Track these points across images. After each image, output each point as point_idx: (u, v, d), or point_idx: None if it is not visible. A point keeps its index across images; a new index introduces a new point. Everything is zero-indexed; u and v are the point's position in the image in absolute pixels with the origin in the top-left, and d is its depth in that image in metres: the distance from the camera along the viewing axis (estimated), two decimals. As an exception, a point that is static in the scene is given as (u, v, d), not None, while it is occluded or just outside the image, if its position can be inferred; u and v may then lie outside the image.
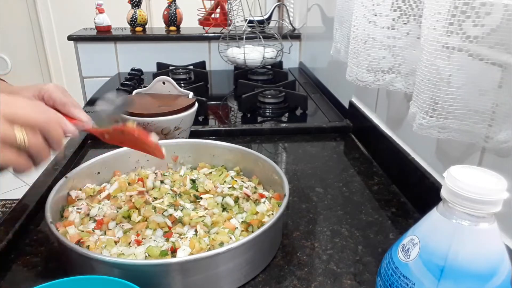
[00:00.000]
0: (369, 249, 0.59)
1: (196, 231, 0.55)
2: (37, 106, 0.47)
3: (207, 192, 0.64)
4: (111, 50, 1.65)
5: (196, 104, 0.87)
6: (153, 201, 0.62)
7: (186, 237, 0.54)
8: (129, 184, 0.67)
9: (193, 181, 0.67)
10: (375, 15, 0.64)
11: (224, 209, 0.62)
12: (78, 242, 0.53)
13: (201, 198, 0.63)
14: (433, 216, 0.34)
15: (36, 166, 0.47)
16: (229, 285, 0.51)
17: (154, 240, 0.54)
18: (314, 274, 0.54)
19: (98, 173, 0.68)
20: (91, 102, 1.25)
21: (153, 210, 0.59)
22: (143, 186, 0.66)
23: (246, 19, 1.46)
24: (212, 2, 1.71)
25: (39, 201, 0.66)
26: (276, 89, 1.20)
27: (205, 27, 1.71)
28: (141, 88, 0.94)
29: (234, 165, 0.73)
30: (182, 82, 1.45)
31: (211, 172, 0.71)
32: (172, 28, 1.73)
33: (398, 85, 0.66)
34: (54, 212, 0.56)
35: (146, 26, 1.74)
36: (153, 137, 0.54)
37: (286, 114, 1.15)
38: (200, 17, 1.72)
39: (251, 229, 0.57)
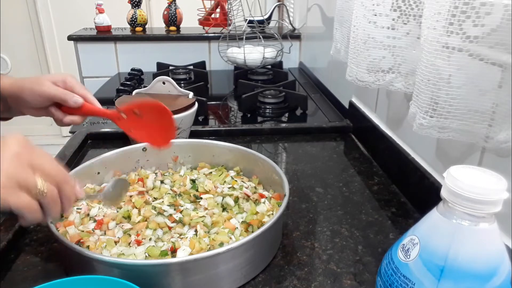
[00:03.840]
0: (369, 249, 0.59)
1: (196, 231, 0.55)
2: (58, 163, 0.47)
3: (207, 192, 0.64)
4: (111, 50, 1.65)
5: (196, 104, 0.87)
6: (153, 201, 0.62)
7: (186, 237, 0.54)
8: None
9: (193, 181, 0.67)
10: (375, 15, 0.63)
11: (224, 209, 0.61)
12: (78, 242, 0.53)
13: (201, 198, 0.63)
14: (433, 216, 0.34)
15: (45, 218, 0.46)
16: (229, 285, 0.51)
17: (154, 241, 0.54)
18: (314, 274, 0.54)
19: (98, 173, 0.68)
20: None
21: (153, 210, 0.59)
22: (143, 186, 0.66)
23: (246, 19, 1.46)
24: (212, 2, 1.71)
25: (39, 201, 0.66)
26: (276, 89, 1.20)
27: (205, 27, 1.71)
28: (141, 88, 0.94)
29: (234, 165, 0.73)
30: (182, 82, 1.45)
31: (211, 172, 0.71)
32: (172, 28, 1.73)
33: (398, 85, 0.66)
34: (54, 212, 0.56)
35: (146, 26, 1.74)
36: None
37: (286, 114, 1.15)
38: (200, 17, 1.72)
39: (251, 229, 0.57)
